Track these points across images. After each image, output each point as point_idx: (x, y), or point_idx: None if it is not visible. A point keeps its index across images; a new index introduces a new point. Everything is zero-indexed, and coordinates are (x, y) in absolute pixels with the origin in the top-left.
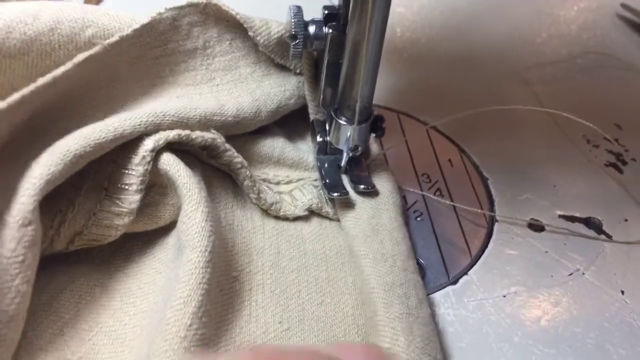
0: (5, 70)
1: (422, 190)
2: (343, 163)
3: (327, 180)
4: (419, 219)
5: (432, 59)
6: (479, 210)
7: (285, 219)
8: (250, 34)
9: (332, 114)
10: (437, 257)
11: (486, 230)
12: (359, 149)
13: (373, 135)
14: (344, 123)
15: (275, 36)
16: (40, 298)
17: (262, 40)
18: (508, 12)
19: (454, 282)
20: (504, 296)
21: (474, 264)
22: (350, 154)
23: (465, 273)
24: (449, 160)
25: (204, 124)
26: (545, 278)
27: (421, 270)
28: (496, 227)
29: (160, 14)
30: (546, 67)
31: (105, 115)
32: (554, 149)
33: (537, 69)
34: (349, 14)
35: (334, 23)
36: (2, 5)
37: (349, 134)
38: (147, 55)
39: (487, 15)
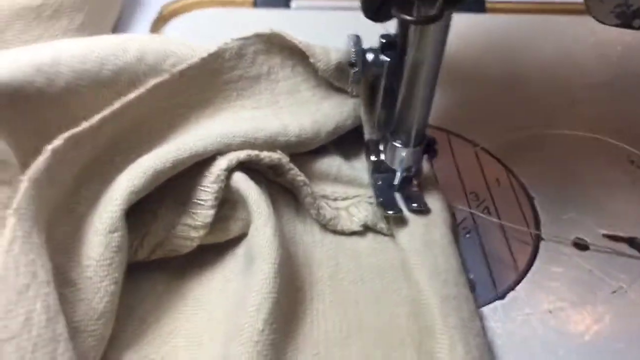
0: (98, 98)
1: (470, 208)
2: (396, 182)
3: (382, 199)
4: (467, 235)
5: (479, 80)
6: (526, 229)
7: (342, 233)
8: (312, 60)
9: (388, 136)
10: (486, 273)
11: (532, 247)
12: (413, 169)
13: (425, 156)
14: (399, 145)
15: (334, 62)
16: (127, 302)
17: (322, 66)
18: (554, 33)
19: (502, 297)
20: (550, 312)
21: (521, 280)
22: (404, 174)
23: (513, 288)
24: (497, 179)
25: (270, 144)
26: (589, 295)
27: (471, 284)
28: (542, 245)
29: (226, 43)
30: (593, 89)
31: (181, 137)
32: (598, 170)
33: (584, 91)
34: (408, 42)
35: (390, 51)
36: (95, 39)
37: (403, 156)
38: (216, 82)
39: (534, 37)
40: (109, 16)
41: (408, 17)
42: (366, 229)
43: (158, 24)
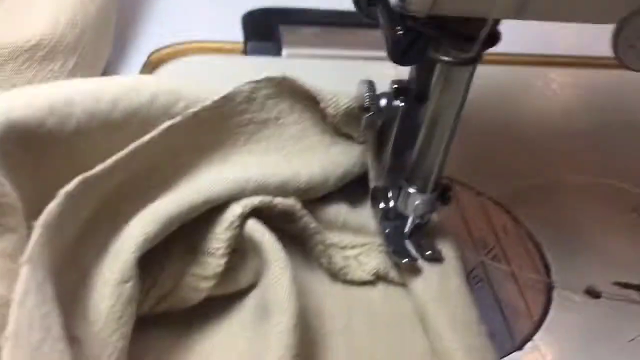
0: (109, 140)
1: (479, 256)
2: (407, 229)
3: (393, 247)
4: (478, 284)
5: (481, 129)
6: (539, 277)
7: (353, 283)
8: (321, 105)
9: (403, 182)
10: (501, 323)
11: (545, 295)
12: (427, 217)
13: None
14: (414, 191)
15: (344, 108)
16: (130, 356)
17: (331, 112)
18: (553, 84)
19: (519, 348)
20: None
21: (537, 329)
22: (417, 221)
23: (530, 339)
24: (504, 227)
25: (281, 190)
26: (606, 344)
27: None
28: (555, 293)
29: (238, 87)
30: (593, 136)
31: (194, 182)
32: (604, 217)
33: (584, 138)
34: (431, 89)
35: (404, 97)
36: (107, 79)
37: (417, 202)
38: (225, 126)
39: (531, 87)
40: (100, 59)
41: (448, 59)
42: (377, 278)
43: (147, 69)
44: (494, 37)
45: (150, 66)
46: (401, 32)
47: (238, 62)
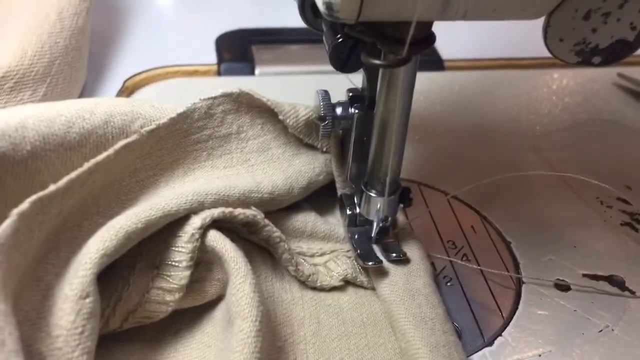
0: (65, 162)
1: (449, 256)
2: (373, 234)
3: (360, 251)
4: (449, 284)
5: (445, 133)
6: (506, 273)
7: (322, 289)
8: (281, 117)
9: (362, 187)
10: (471, 320)
11: (515, 291)
12: (389, 219)
13: (401, 205)
14: (374, 195)
15: (303, 118)
16: None
17: (291, 123)
18: (514, 87)
19: (490, 344)
20: (539, 355)
21: (507, 325)
22: (381, 225)
23: (500, 334)
24: (472, 226)
25: (243, 201)
26: (576, 336)
27: (457, 333)
28: (524, 288)
29: (194, 104)
30: (554, 135)
31: (152, 199)
32: (570, 211)
33: (546, 137)
34: (377, 94)
35: (358, 104)
36: (62, 103)
37: (379, 205)
38: (185, 142)
39: (492, 90)
40: (72, 88)
41: (378, 62)
42: (346, 283)
43: (123, 95)
44: (428, 39)
45: (125, 92)
46: (340, 39)
47: (212, 83)
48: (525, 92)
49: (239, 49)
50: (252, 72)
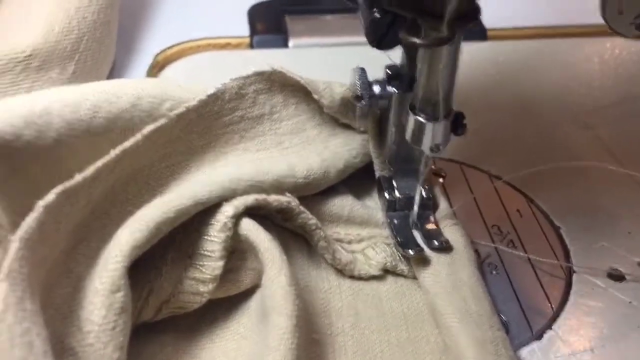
0: (91, 148)
1: (494, 242)
2: (416, 206)
3: (400, 238)
4: (494, 272)
5: (488, 109)
6: (556, 261)
7: (360, 278)
8: (315, 96)
9: (409, 111)
10: (518, 312)
11: (565, 281)
12: (440, 147)
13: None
14: (423, 120)
15: (339, 97)
16: None
17: (326, 102)
18: (559, 57)
19: (539, 338)
20: (592, 350)
21: (557, 317)
22: (432, 155)
23: (549, 327)
24: (518, 210)
25: (277, 186)
26: (632, 330)
27: (504, 326)
28: (575, 277)
29: (225, 84)
30: (607, 110)
31: (183, 185)
32: (624, 194)
33: (598, 112)
34: (417, 73)
35: (397, 82)
36: (88, 86)
37: (430, 131)
38: (216, 125)
39: (538, 62)
40: (102, 65)
41: (417, 40)
42: (386, 272)
43: (154, 71)
44: (472, 12)
45: (157, 67)
46: (377, 14)
47: (245, 56)
48: (574, 63)
49: (271, 20)
50: (285, 44)
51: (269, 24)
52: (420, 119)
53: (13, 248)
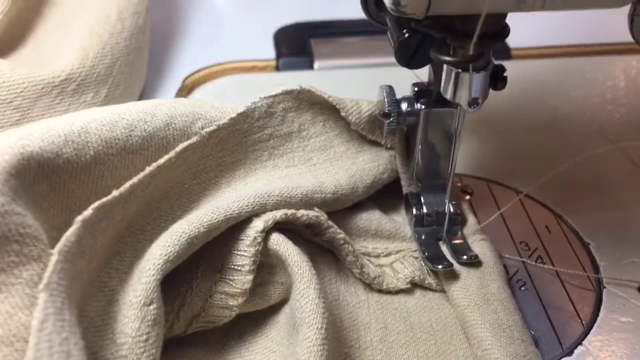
0: (127, 165)
1: (522, 258)
2: (446, 203)
3: (428, 253)
4: (523, 288)
5: (515, 126)
6: (585, 274)
7: (388, 292)
8: (343, 114)
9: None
10: (548, 327)
11: (595, 296)
12: (479, 102)
13: (492, 89)
14: (461, 71)
15: (366, 114)
16: None
17: (353, 119)
18: (587, 75)
19: (569, 354)
20: None
21: (587, 332)
22: (470, 109)
23: (580, 343)
24: (546, 226)
25: (306, 202)
26: None
27: (534, 342)
28: (605, 293)
29: (254, 102)
30: (633, 126)
31: (214, 201)
32: None
33: (623, 129)
34: (442, 90)
35: (425, 99)
36: (124, 106)
37: (467, 81)
38: (246, 142)
39: (562, 79)
40: (134, 88)
41: (448, 58)
42: (414, 285)
43: (182, 94)
44: (501, 32)
45: (185, 90)
46: (407, 34)
47: (271, 78)
48: (600, 80)
49: (297, 43)
50: (310, 67)
51: (295, 47)
52: (459, 69)
53: (53, 260)
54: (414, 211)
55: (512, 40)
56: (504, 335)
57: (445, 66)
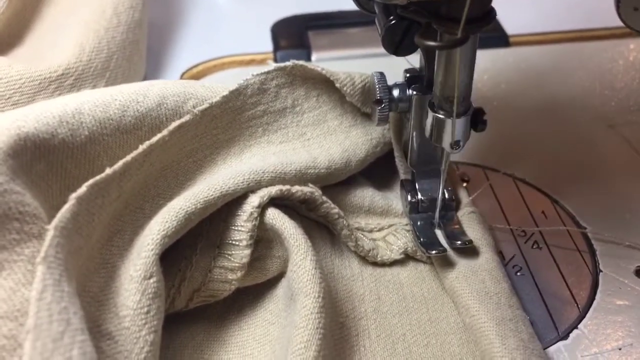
0: (122, 145)
1: (518, 244)
2: (439, 199)
3: (423, 239)
4: (519, 273)
5: (513, 113)
6: (582, 261)
7: (382, 264)
8: (337, 85)
9: (429, 109)
10: (544, 312)
11: (591, 280)
12: (461, 144)
13: (473, 130)
14: (442, 116)
15: (360, 85)
16: (166, 355)
17: (348, 90)
18: (585, 61)
19: (565, 337)
20: (619, 349)
21: (583, 316)
22: (452, 151)
23: (575, 327)
24: (542, 212)
25: (300, 177)
26: None
27: None
28: (601, 277)
29: (247, 80)
30: (631, 111)
31: (210, 178)
32: None
33: (621, 114)
34: (434, 76)
35: (417, 85)
36: (116, 87)
37: (449, 127)
38: (239, 119)
39: (561, 65)
40: (132, 81)
41: (432, 43)
42: (406, 258)
43: None
44: (487, 16)
45: None
46: (392, 21)
47: None
48: (597, 65)
49: (294, 36)
50: (308, 59)
51: (292, 40)
52: (440, 115)
53: (49, 235)
54: (409, 198)
55: (509, 28)
56: (490, 302)
57: (429, 111)
